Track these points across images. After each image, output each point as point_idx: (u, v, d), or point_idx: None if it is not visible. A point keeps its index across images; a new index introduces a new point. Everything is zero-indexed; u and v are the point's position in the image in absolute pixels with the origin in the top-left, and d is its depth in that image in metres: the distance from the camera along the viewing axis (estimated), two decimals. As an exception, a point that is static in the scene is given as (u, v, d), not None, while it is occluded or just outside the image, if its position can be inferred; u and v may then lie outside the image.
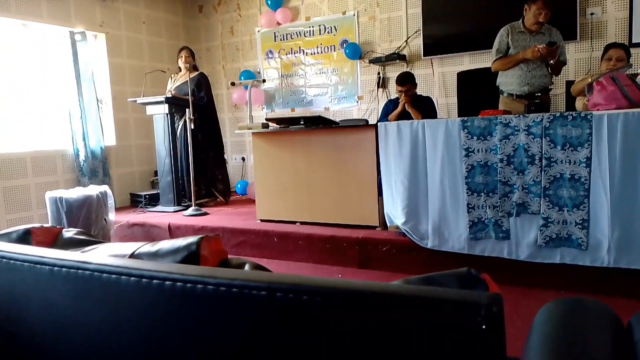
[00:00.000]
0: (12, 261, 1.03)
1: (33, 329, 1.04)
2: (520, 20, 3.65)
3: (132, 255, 1.05)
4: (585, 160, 2.78)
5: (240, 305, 0.77)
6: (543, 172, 2.89)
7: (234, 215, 4.77)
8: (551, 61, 3.54)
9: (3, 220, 4.64)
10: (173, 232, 4.47)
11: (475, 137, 3.08)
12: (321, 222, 4.00)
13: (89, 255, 1.05)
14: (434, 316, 0.63)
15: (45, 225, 1.34)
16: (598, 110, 2.85)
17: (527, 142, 2.92)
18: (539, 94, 3.64)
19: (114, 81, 5.70)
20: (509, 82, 3.73)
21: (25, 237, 1.27)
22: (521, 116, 2.96)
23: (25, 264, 1.01)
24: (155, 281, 0.84)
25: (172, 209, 5.03)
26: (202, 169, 5.33)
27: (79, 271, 0.93)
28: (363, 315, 0.67)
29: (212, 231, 4.22)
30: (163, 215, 4.89)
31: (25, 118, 4.98)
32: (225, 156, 5.79)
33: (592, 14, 4.42)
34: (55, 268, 0.96)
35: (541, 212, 2.92)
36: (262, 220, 4.31)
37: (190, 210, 4.80)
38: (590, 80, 3.09)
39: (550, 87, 3.78)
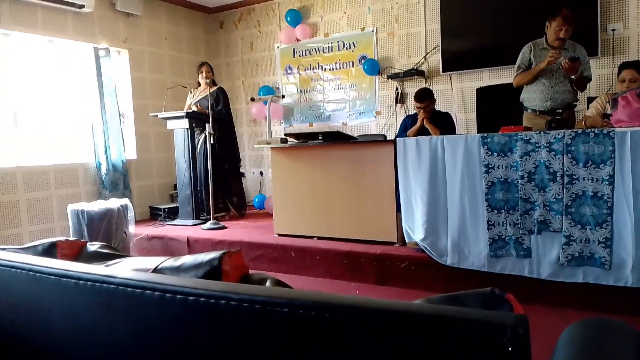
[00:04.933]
0: (38, 274, 1.05)
1: (58, 340, 1.06)
2: (544, 37, 3.65)
3: (155, 270, 1.06)
4: (608, 177, 2.74)
5: (262, 321, 0.77)
6: (565, 190, 2.85)
7: (252, 229, 4.79)
8: (573, 76, 3.53)
9: (26, 232, 4.72)
10: (192, 245, 4.50)
11: (495, 154, 3.06)
12: (339, 238, 3.99)
13: (113, 269, 1.06)
14: (458, 337, 0.62)
15: (70, 238, 1.36)
16: (621, 127, 2.81)
17: (549, 158, 2.89)
18: (560, 110, 3.61)
19: (136, 95, 5.80)
20: (532, 97, 3.73)
21: (50, 250, 1.29)
22: (542, 133, 2.94)
23: (51, 277, 1.03)
24: (178, 296, 0.84)
25: (190, 222, 5.07)
26: (220, 183, 5.37)
27: (104, 285, 0.94)
28: (387, 334, 0.67)
29: (230, 245, 4.24)
30: (182, 228, 4.93)
31: (49, 131, 5.09)
32: (242, 170, 5.82)
33: (613, 30, 4.38)
34: (81, 281, 0.97)
35: (563, 230, 2.88)
36: (279, 235, 4.32)
37: (208, 224, 4.83)
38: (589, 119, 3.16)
39: (574, 104, 3.75)
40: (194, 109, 5.23)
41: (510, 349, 0.58)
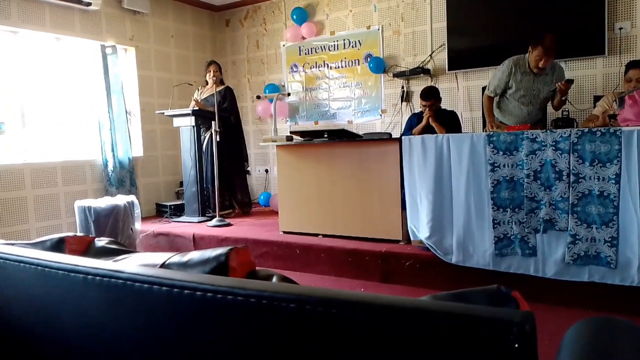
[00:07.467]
0: (46, 269, 1.06)
1: (66, 335, 1.07)
2: (526, 56, 3.68)
3: (163, 265, 1.07)
4: (614, 176, 2.73)
5: (270, 317, 0.78)
6: (571, 188, 2.85)
7: (257, 226, 4.80)
8: (563, 97, 3.66)
9: (33, 228, 4.75)
10: (197, 242, 4.51)
11: (501, 152, 3.06)
12: (344, 235, 4.00)
13: (121, 265, 1.07)
14: (465, 333, 0.62)
15: (79, 234, 1.37)
16: (627, 126, 2.80)
17: (555, 157, 2.88)
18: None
19: (142, 93, 5.82)
20: (505, 116, 3.86)
21: (59, 246, 1.30)
22: (548, 131, 2.93)
23: (60, 272, 1.03)
24: (186, 291, 0.85)
25: (196, 219, 5.09)
26: (226, 181, 5.39)
27: (112, 280, 0.95)
28: (393, 330, 0.67)
29: (235, 242, 4.26)
30: (187, 225, 4.95)
31: (56, 128, 5.12)
32: (248, 168, 5.84)
33: (620, 28, 4.35)
34: (89, 276, 0.98)
35: (569, 228, 2.87)
36: (284, 232, 4.33)
37: (214, 221, 4.85)
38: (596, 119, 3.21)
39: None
40: (200, 104, 5.24)
41: (516, 345, 0.58)
